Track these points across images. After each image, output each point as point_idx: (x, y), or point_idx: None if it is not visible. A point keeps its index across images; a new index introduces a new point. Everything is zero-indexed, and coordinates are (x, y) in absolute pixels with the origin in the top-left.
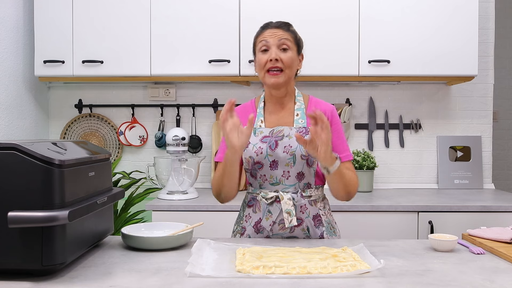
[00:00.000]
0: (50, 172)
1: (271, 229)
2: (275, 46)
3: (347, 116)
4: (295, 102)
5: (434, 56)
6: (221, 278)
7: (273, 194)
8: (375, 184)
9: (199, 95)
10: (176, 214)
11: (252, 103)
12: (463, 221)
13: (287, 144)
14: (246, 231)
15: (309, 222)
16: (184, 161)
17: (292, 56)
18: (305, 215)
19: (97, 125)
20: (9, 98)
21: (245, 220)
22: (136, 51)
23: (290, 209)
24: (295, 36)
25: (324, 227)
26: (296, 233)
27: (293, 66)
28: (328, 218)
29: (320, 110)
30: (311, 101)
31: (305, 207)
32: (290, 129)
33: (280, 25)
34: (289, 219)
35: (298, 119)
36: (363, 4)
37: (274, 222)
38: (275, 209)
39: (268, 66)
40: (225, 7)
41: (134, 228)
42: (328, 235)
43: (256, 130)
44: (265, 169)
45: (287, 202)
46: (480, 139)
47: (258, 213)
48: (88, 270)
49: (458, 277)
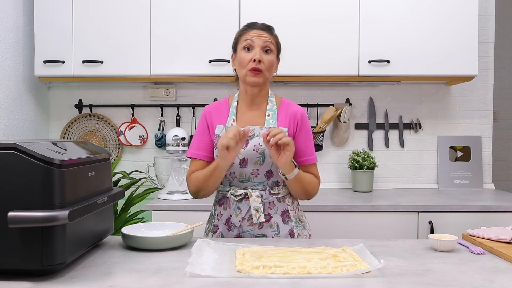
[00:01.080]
0: (50, 172)
1: (240, 225)
2: (260, 47)
3: (347, 116)
4: (268, 102)
5: (434, 56)
6: (221, 278)
7: (242, 191)
8: (375, 184)
9: (199, 95)
10: (176, 214)
11: (225, 102)
12: (463, 221)
13: (257, 143)
14: (219, 229)
15: (277, 218)
16: (184, 161)
17: (273, 59)
18: (273, 211)
19: (97, 125)
20: (9, 98)
21: (217, 219)
22: (136, 51)
23: (258, 206)
24: (277, 41)
25: (293, 222)
26: (265, 230)
27: (272, 69)
28: (297, 213)
29: (275, 130)
30: (283, 103)
31: (273, 203)
32: (261, 128)
33: (265, 28)
34: (257, 216)
35: (269, 119)
36: (363, 4)
37: (243, 218)
38: (244, 206)
39: (250, 65)
40: (225, 7)
41: (134, 228)
42: (298, 230)
43: (228, 128)
44: (235, 167)
45: (256, 200)
46: (480, 139)
47: (229, 210)
48: (88, 270)
49: (458, 277)
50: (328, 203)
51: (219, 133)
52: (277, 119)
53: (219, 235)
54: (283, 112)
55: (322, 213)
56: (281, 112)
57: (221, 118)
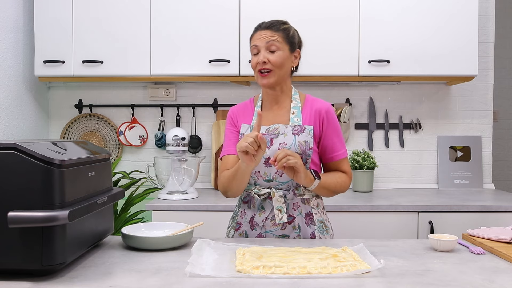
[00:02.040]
0: (50, 172)
1: (263, 224)
2: (264, 49)
3: (347, 116)
4: (292, 100)
5: (434, 56)
6: (221, 278)
7: (266, 191)
8: (375, 184)
9: (199, 95)
10: (176, 214)
11: (251, 102)
12: (463, 221)
13: (282, 142)
14: (242, 227)
15: (300, 220)
16: (184, 161)
17: (282, 55)
18: (297, 212)
19: (97, 125)
20: (9, 98)
21: (241, 216)
22: (136, 51)
23: (281, 206)
24: (286, 35)
25: (316, 226)
26: (287, 231)
27: (284, 65)
28: (321, 217)
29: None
30: (308, 100)
31: (297, 204)
32: (286, 127)
33: (269, 26)
34: (280, 216)
35: (294, 117)
36: (363, 4)
37: (267, 218)
38: (267, 205)
39: (258, 68)
40: (225, 7)
41: (134, 228)
42: (320, 234)
43: (252, 128)
44: (259, 166)
45: (278, 199)
46: (480, 139)
47: (253, 209)
48: (88, 270)
49: (458, 277)
50: (328, 203)
51: (244, 132)
52: (302, 116)
53: (243, 233)
54: (308, 109)
55: None
56: (305, 109)
57: (247, 117)
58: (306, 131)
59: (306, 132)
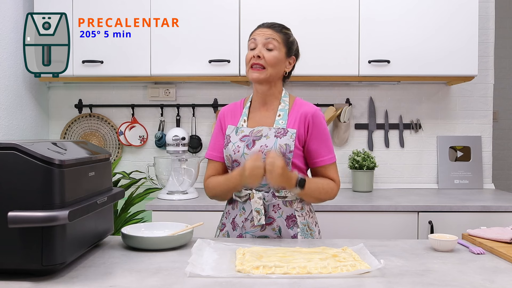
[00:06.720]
0: (50, 172)
1: (243, 225)
2: (261, 44)
3: (347, 116)
4: (280, 102)
5: (434, 56)
6: (221, 278)
7: (247, 192)
8: (375, 184)
9: (199, 95)
10: (176, 214)
11: (241, 103)
12: (463, 221)
13: (264, 144)
14: (226, 227)
15: (281, 222)
16: (184, 161)
17: (277, 56)
18: (277, 214)
19: (97, 125)
20: (9, 98)
21: (225, 217)
22: (136, 51)
23: (259, 208)
24: (285, 38)
25: (299, 229)
26: (267, 232)
27: (277, 66)
28: (306, 220)
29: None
30: (296, 103)
31: (278, 206)
32: (269, 129)
33: (272, 26)
34: (258, 218)
35: (279, 120)
36: (363, 4)
37: (246, 219)
38: (248, 206)
39: (251, 62)
40: (225, 7)
41: (134, 228)
42: (303, 237)
43: (238, 129)
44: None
45: (257, 201)
46: (480, 139)
47: (236, 210)
48: (88, 270)
49: (458, 277)
50: (328, 203)
51: (229, 133)
52: (288, 119)
53: (226, 233)
54: (295, 112)
55: (322, 213)
56: (292, 112)
57: (234, 119)
58: (288, 134)
59: (288, 135)
